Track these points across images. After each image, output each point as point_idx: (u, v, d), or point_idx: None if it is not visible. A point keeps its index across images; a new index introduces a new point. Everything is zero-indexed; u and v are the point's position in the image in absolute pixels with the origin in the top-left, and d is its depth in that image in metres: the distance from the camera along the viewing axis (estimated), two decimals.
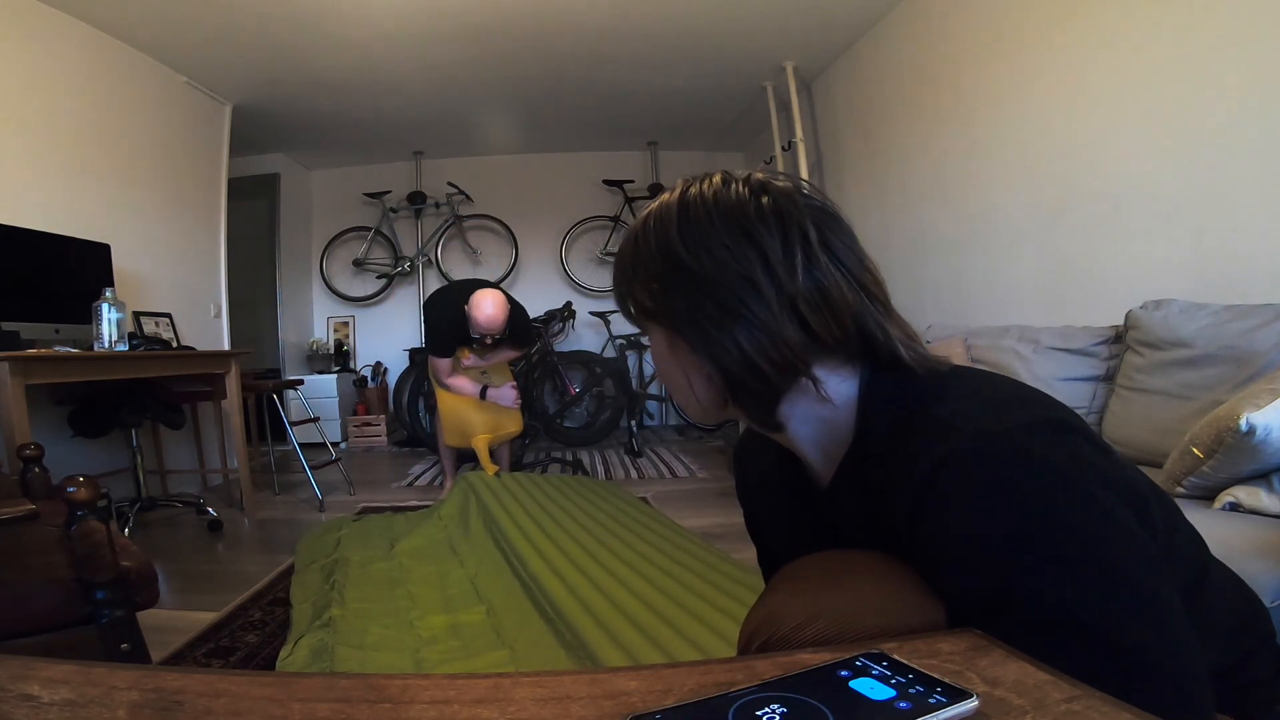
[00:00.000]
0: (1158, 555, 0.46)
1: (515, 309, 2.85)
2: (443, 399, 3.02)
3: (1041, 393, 0.53)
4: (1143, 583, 0.43)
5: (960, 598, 0.46)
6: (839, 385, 0.56)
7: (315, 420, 3.57)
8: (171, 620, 1.71)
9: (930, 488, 0.46)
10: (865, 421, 0.55)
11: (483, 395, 2.91)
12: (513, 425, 3.07)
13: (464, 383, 2.91)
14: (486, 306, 2.68)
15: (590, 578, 1.79)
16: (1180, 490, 1.26)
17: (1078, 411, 2.05)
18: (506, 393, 2.94)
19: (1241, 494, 1.16)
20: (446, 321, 2.80)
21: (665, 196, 0.58)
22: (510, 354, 3.13)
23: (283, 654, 1.46)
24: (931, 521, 0.47)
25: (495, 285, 2.91)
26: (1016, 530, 0.44)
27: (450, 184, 5.17)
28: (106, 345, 2.33)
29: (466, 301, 2.72)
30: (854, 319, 0.53)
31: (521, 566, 1.93)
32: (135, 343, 2.51)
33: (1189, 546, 0.57)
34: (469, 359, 3.02)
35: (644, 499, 2.78)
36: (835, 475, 0.58)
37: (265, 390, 3.37)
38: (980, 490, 0.45)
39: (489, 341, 2.84)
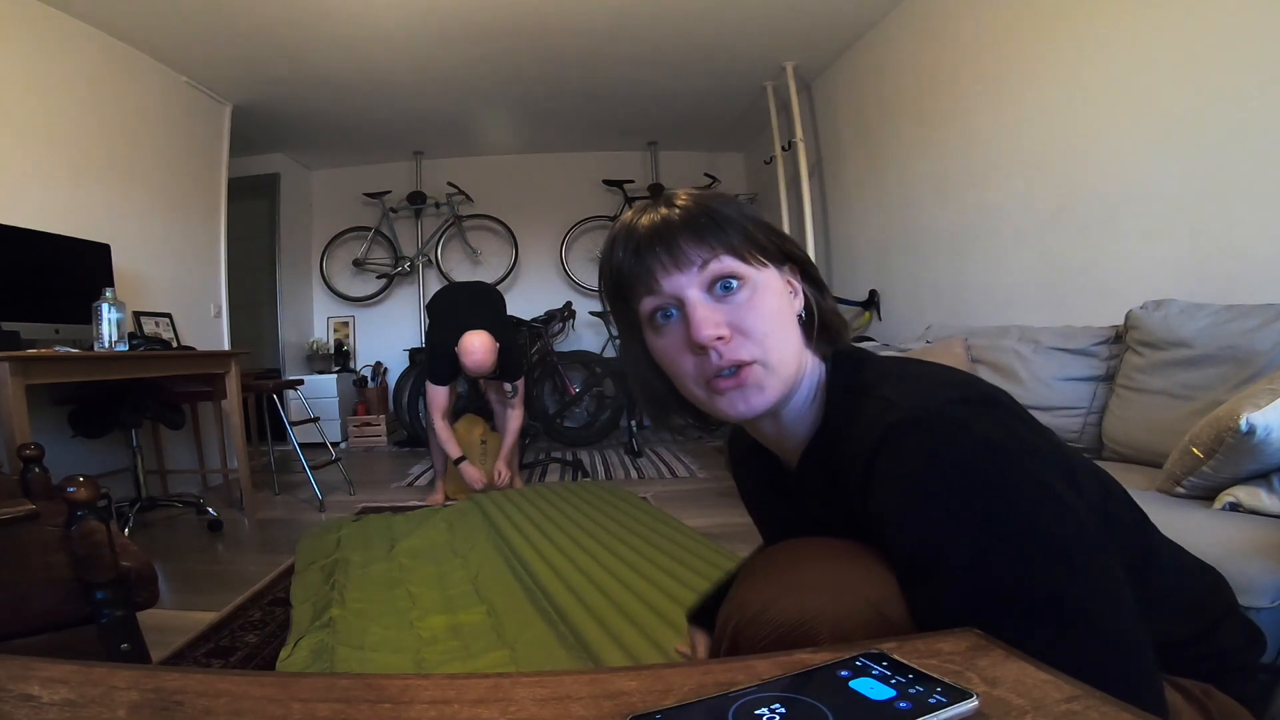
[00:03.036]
0: (1091, 521, 0.48)
1: (505, 347, 2.84)
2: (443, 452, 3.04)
3: (969, 374, 0.58)
4: (1075, 544, 0.46)
5: (904, 563, 0.49)
6: (812, 364, 0.62)
7: (315, 420, 3.57)
8: (171, 620, 1.71)
9: (873, 460, 0.51)
10: (826, 408, 0.60)
11: (456, 462, 2.91)
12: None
13: (449, 439, 2.91)
14: (475, 351, 2.70)
15: (591, 577, 1.79)
16: (1180, 490, 1.26)
17: (1077, 411, 2.03)
18: (471, 473, 2.92)
19: (1241, 494, 1.16)
20: (447, 346, 2.79)
21: (681, 196, 0.61)
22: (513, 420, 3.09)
23: (283, 654, 1.45)
24: (877, 491, 0.51)
25: (495, 285, 2.88)
26: (951, 497, 0.47)
27: (450, 184, 5.17)
28: (106, 345, 2.33)
29: (459, 339, 2.74)
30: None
31: (522, 567, 1.93)
32: (135, 343, 2.51)
33: (1127, 524, 0.58)
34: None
35: (644, 499, 2.78)
36: (801, 459, 0.62)
37: (265, 390, 3.37)
38: (916, 460, 0.49)
39: (481, 383, 2.86)
